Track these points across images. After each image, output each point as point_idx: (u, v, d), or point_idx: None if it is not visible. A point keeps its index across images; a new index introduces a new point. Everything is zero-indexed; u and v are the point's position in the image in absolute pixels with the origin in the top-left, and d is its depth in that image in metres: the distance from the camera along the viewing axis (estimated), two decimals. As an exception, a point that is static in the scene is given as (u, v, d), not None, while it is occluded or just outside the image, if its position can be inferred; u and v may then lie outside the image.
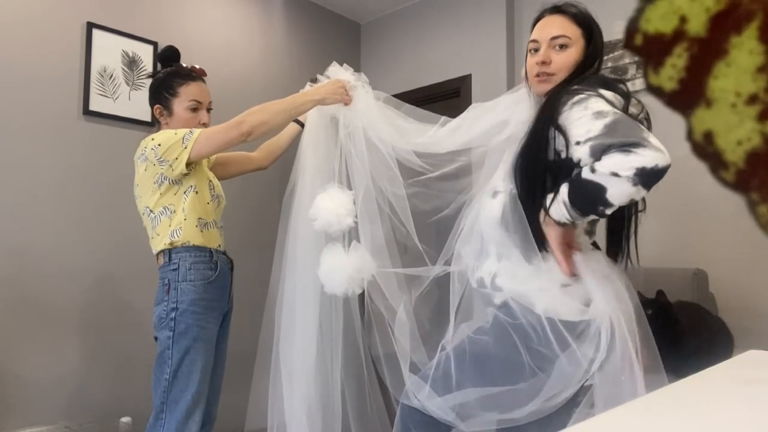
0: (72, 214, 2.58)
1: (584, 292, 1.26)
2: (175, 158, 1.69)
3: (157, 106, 1.85)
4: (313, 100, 1.77)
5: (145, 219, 1.81)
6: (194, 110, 1.85)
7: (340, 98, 1.77)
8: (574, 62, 1.34)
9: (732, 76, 0.23)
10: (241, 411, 1.89)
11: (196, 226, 1.76)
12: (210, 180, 1.88)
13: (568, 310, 1.24)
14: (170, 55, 1.92)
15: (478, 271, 1.39)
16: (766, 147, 0.23)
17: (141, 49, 2.84)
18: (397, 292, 1.62)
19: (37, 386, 2.41)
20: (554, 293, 1.26)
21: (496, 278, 1.34)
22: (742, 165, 0.23)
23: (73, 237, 2.57)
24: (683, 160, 0.57)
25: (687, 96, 0.24)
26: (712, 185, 0.25)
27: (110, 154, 2.69)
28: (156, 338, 1.75)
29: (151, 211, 1.77)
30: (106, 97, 2.71)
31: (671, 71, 0.24)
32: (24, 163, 2.45)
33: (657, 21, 0.24)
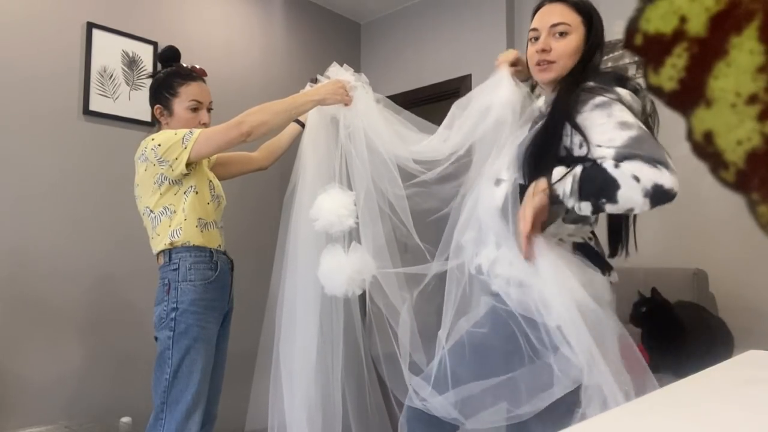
0: (72, 214, 2.58)
1: (580, 278, 1.26)
2: (175, 158, 1.69)
3: (157, 106, 1.85)
4: (313, 100, 1.77)
5: (145, 219, 1.81)
6: (194, 110, 1.85)
7: (340, 98, 1.76)
8: (575, 49, 1.34)
9: (732, 76, 0.23)
10: (241, 411, 1.89)
11: (197, 226, 1.76)
12: (210, 180, 1.88)
13: None
14: (170, 55, 1.92)
15: (477, 257, 1.39)
16: (766, 147, 0.23)
17: (141, 49, 2.84)
18: (398, 292, 1.62)
19: (37, 386, 2.41)
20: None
21: (494, 265, 1.34)
22: (742, 165, 0.23)
23: (73, 237, 2.57)
24: (683, 160, 0.57)
25: (687, 96, 0.24)
26: (712, 185, 0.25)
27: (110, 154, 2.69)
28: (156, 338, 1.75)
29: (151, 211, 1.77)
30: (106, 97, 2.71)
31: (671, 71, 0.24)
32: (24, 163, 2.45)
33: (657, 21, 0.24)
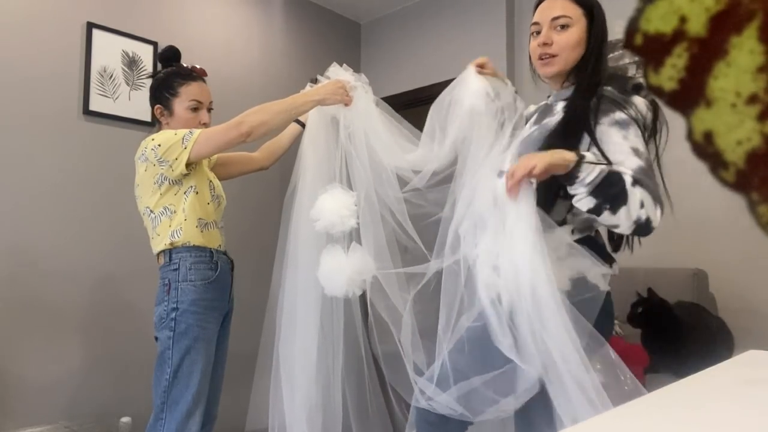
0: (72, 214, 2.58)
1: (577, 266, 1.26)
2: (175, 158, 1.69)
3: (157, 106, 1.85)
4: (313, 100, 1.77)
5: (145, 219, 1.81)
6: (195, 110, 1.85)
7: (340, 98, 1.76)
8: (576, 42, 1.34)
9: (732, 76, 0.23)
10: (241, 411, 1.89)
11: (197, 226, 1.76)
12: (210, 180, 1.88)
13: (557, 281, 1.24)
14: (171, 55, 1.92)
15: (475, 248, 1.39)
16: (766, 147, 0.23)
17: (141, 49, 2.84)
18: (399, 292, 1.61)
19: (37, 386, 2.41)
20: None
21: (489, 255, 1.33)
22: (742, 165, 0.23)
23: (73, 237, 2.57)
24: (683, 160, 0.57)
25: (687, 96, 0.24)
26: (712, 185, 0.25)
27: (110, 154, 2.69)
28: (156, 338, 1.75)
29: (151, 211, 1.77)
30: (106, 97, 2.71)
31: (671, 71, 0.24)
32: (24, 163, 2.45)
33: (657, 21, 0.24)
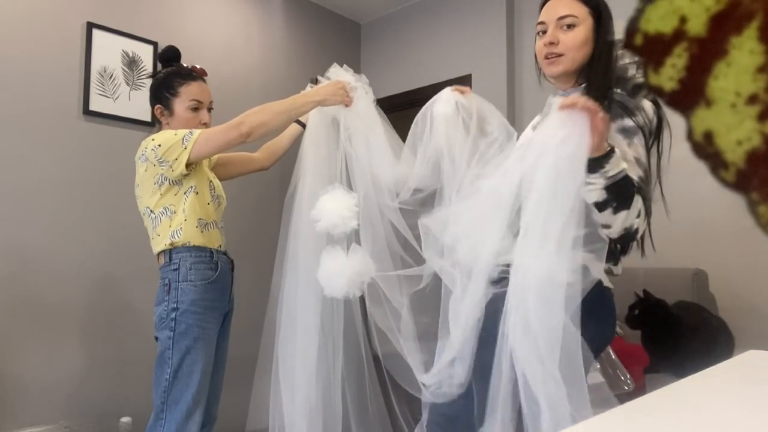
0: (72, 215, 2.58)
1: (583, 259, 1.25)
2: (175, 159, 1.69)
3: (157, 106, 1.85)
4: (313, 101, 1.77)
5: (145, 219, 1.81)
6: (195, 110, 1.85)
7: (341, 99, 1.76)
8: (583, 41, 1.34)
9: (732, 76, 0.23)
10: (242, 411, 1.89)
11: (197, 226, 1.76)
12: (210, 180, 1.88)
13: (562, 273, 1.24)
14: (171, 55, 1.92)
15: (476, 248, 1.38)
16: (766, 147, 0.23)
17: (141, 49, 2.84)
18: (398, 293, 1.61)
19: (37, 386, 2.41)
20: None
21: (498, 255, 1.32)
22: (742, 165, 0.23)
23: (73, 237, 2.57)
24: (683, 160, 0.57)
25: (687, 96, 0.24)
26: (712, 185, 0.25)
27: (110, 154, 2.69)
28: (156, 338, 1.75)
29: (151, 211, 1.77)
30: (106, 97, 2.71)
31: (671, 71, 0.24)
32: (24, 163, 2.45)
33: (657, 21, 0.24)
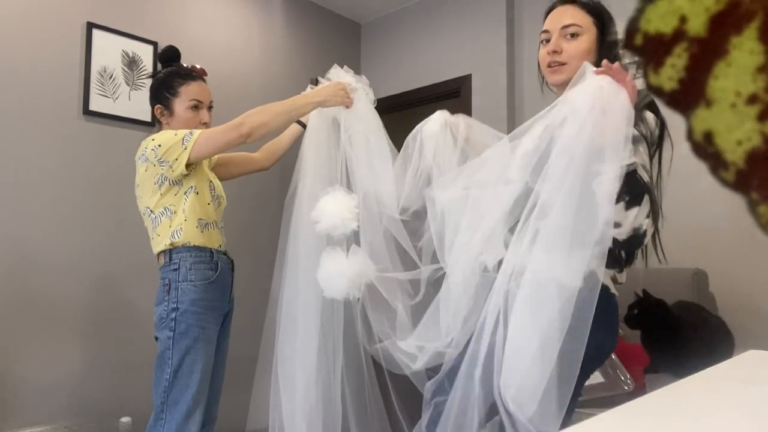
0: (72, 215, 2.58)
1: (591, 264, 1.25)
2: (175, 159, 1.69)
3: (157, 105, 1.85)
4: (313, 102, 1.77)
5: (145, 219, 1.81)
6: (195, 109, 1.85)
7: (341, 100, 1.76)
8: (586, 50, 1.34)
9: (732, 76, 0.23)
10: (242, 411, 1.89)
11: (197, 226, 1.76)
12: (210, 180, 1.88)
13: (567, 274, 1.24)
14: (171, 55, 1.92)
15: (480, 256, 1.38)
16: (766, 147, 0.23)
17: (141, 49, 2.84)
18: (397, 295, 1.61)
19: (37, 386, 2.40)
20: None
21: (501, 262, 1.32)
22: (742, 165, 0.23)
23: (73, 237, 2.57)
24: (683, 160, 0.57)
25: (687, 96, 0.24)
26: (712, 185, 0.25)
27: (110, 154, 2.69)
28: (156, 338, 1.75)
29: (151, 211, 1.77)
30: (106, 97, 2.71)
31: (671, 71, 0.24)
32: (24, 163, 2.45)
33: (657, 21, 0.24)
